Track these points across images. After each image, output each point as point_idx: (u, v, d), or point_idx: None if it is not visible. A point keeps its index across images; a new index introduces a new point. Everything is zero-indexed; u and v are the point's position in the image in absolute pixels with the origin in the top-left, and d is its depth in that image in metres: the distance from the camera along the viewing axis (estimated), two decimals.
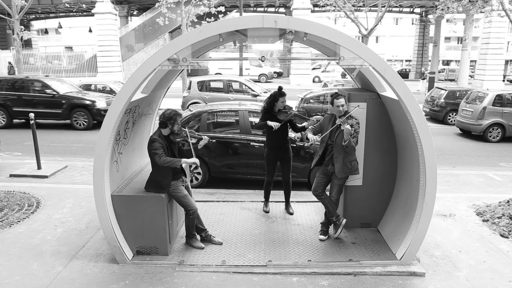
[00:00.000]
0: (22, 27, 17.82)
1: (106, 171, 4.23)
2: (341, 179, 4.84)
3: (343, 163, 4.72)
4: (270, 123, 5.25)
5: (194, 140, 4.63)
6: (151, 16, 29.09)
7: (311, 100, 13.12)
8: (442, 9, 19.56)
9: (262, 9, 33.28)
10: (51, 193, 6.60)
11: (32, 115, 7.77)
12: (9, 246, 4.83)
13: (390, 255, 4.62)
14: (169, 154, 4.45)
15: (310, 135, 4.79)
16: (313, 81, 30.79)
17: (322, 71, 32.70)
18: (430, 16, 34.10)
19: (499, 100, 12.25)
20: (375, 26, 18.75)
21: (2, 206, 5.95)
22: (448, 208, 6.21)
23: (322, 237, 5.02)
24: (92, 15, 27.95)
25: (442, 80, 35.54)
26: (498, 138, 12.16)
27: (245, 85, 15.58)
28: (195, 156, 4.50)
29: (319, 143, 4.96)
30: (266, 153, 5.73)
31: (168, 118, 4.41)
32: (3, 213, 5.72)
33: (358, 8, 20.63)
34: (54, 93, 13.07)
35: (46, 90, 13.11)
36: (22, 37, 17.51)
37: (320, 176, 4.92)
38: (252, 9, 33.09)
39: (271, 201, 6.01)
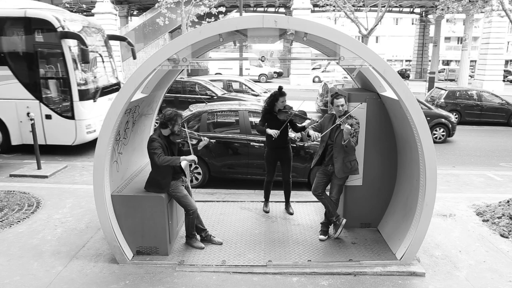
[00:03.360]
0: None
1: (106, 171, 4.23)
2: (341, 179, 4.84)
3: (343, 163, 4.72)
4: (269, 131, 5.24)
5: (194, 141, 4.63)
6: (151, 16, 29.07)
7: None
8: (442, 9, 19.58)
9: (262, 9, 33.27)
10: (51, 193, 6.60)
11: (32, 114, 7.76)
12: (9, 246, 4.83)
13: (390, 255, 4.62)
14: (168, 154, 4.44)
15: (311, 132, 4.78)
16: (313, 81, 30.79)
17: (322, 71, 32.68)
18: (430, 16, 34.11)
19: None
20: (375, 26, 18.76)
21: (2, 206, 5.95)
22: (448, 208, 6.21)
23: (322, 237, 5.03)
24: (92, 15, 27.92)
25: (442, 80, 35.53)
26: None
27: (245, 85, 15.59)
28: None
29: (320, 140, 4.96)
30: (266, 153, 5.73)
31: (168, 119, 4.40)
32: (3, 213, 5.72)
33: (358, 8, 20.64)
34: (213, 94, 13.23)
35: (207, 92, 13.33)
36: None
37: (320, 176, 4.92)
38: (252, 9, 33.08)
39: (271, 201, 6.01)
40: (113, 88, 10.30)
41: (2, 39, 8.82)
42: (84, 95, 8.99)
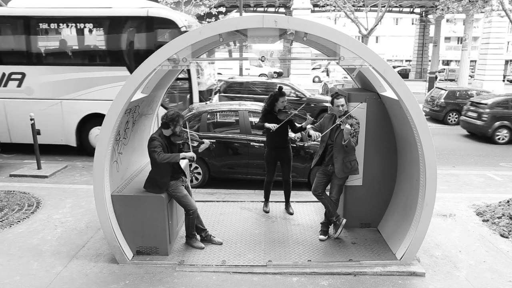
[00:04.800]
0: None
1: (106, 171, 4.23)
2: (341, 179, 4.84)
3: (343, 163, 4.72)
4: (267, 125, 5.25)
5: (195, 144, 4.62)
6: None
7: None
8: (442, 9, 19.56)
9: (262, 9, 33.27)
10: (51, 193, 6.60)
11: (32, 114, 7.74)
12: (9, 246, 4.83)
13: (390, 255, 4.62)
14: None
15: (312, 132, 4.79)
16: (313, 81, 30.79)
17: (322, 71, 32.69)
18: (430, 16, 34.10)
19: None
20: (375, 26, 18.77)
21: (2, 206, 5.95)
22: (448, 208, 6.21)
23: (322, 237, 5.02)
24: None
25: (442, 80, 35.54)
26: None
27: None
28: None
29: (320, 140, 4.96)
30: (266, 153, 5.73)
31: (170, 119, 4.41)
32: (3, 213, 5.72)
33: (358, 8, 20.64)
34: (302, 96, 13.39)
35: (297, 93, 13.50)
36: None
37: (320, 176, 4.92)
38: (252, 9, 33.07)
39: (271, 201, 6.01)
40: (216, 90, 10.02)
41: (122, 39, 8.34)
42: (202, 96, 8.62)
